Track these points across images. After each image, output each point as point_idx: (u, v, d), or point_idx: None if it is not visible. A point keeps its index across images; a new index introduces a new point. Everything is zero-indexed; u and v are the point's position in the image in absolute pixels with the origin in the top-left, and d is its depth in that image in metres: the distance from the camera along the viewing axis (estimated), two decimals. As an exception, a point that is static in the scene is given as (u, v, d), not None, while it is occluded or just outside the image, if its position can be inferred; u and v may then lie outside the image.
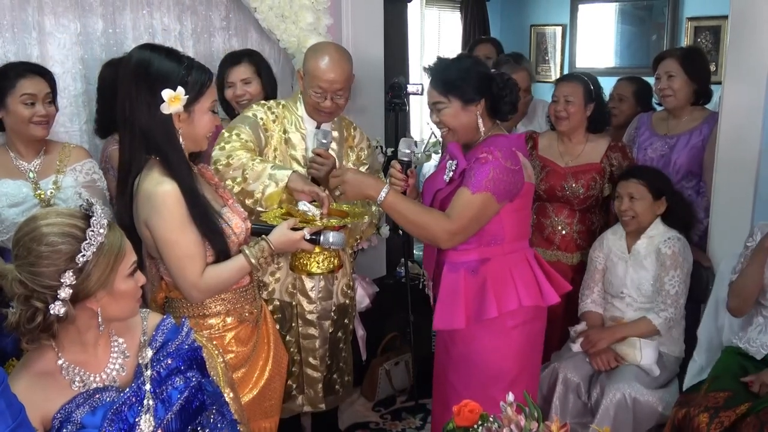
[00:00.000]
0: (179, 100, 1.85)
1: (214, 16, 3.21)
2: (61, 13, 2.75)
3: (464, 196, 2.18)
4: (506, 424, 1.46)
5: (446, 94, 2.24)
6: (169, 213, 1.87)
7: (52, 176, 2.41)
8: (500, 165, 2.16)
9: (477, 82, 2.24)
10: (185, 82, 1.87)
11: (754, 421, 2.21)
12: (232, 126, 2.50)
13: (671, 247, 2.77)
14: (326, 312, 2.71)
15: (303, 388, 2.74)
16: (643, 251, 2.82)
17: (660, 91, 3.20)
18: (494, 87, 2.25)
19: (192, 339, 1.64)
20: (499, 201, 2.19)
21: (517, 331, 2.29)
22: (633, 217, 2.81)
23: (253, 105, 2.64)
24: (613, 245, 2.91)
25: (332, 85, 2.48)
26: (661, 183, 2.86)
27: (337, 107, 2.55)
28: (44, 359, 1.47)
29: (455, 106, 2.24)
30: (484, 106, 2.26)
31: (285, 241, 2.07)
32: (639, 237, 2.85)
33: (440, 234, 2.20)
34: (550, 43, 6.69)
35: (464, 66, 2.27)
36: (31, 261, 1.37)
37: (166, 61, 1.88)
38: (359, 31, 3.44)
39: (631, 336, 2.76)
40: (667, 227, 2.83)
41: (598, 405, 2.64)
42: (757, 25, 2.73)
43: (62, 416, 1.43)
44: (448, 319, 2.27)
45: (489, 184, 2.14)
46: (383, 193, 2.22)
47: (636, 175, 2.85)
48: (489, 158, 2.17)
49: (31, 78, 2.34)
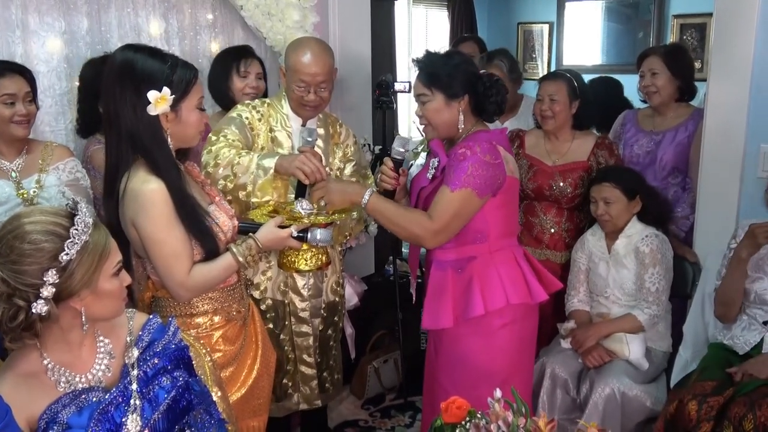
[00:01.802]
0: (165, 101, 1.84)
1: (200, 15, 3.20)
2: (46, 12, 2.73)
3: (444, 195, 2.19)
4: (494, 420, 1.46)
5: (430, 86, 2.24)
6: (156, 212, 1.86)
7: (34, 175, 2.39)
8: (479, 160, 2.16)
9: (463, 79, 2.24)
10: (170, 81, 1.86)
11: (744, 400, 2.24)
12: (218, 129, 2.51)
13: (649, 245, 2.78)
14: (316, 309, 2.71)
15: (298, 386, 2.74)
16: (623, 251, 2.84)
17: (644, 88, 3.22)
18: (480, 86, 2.26)
19: (179, 338, 1.63)
20: (481, 196, 2.18)
21: (505, 330, 2.29)
22: (609, 220, 2.82)
23: (237, 105, 2.65)
24: (594, 246, 2.92)
25: (315, 77, 2.48)
26: (633, 182, 2.86)
27: (321, 100, 2.56)
28: (29, 360, 1.46)
29: (438, 100, 2.24)
30: (467, 103, 2.26)
31: (272, 239, 2.07)
32: (617, 237, 2.85)
33: (423, 234, 2.21)
34: (537, 40, 6.71)
35: (452, 62, 2.27)
36: (14, 259, 1.36)
37: (150, 61, 1.87)
38: (346, 28, 3.43)
39: (617, 332, 2.77)
40: (644, 225, 2.83)
41: (587, 400, 2.65)
42: (742, 22, 2.75)
43: (48, 417, 1.42)
44: (436, 318, 2.27)
45: (468, 180, 2.15)
46: (366, 196, 2.24)
47: (607, 178, 2.84)
48: (467, 154, 2.17)
49: (11, 77, 2.32)
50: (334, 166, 2.69)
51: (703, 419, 2.25)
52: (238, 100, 2.90)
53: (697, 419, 2.26)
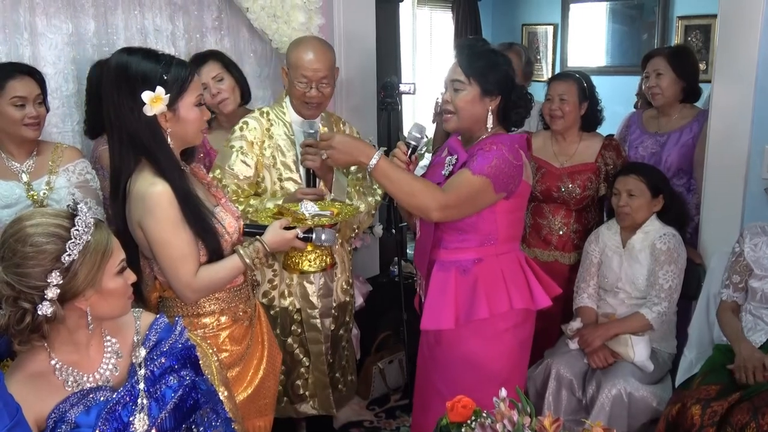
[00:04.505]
0: (161, 100, 1.85)
1: (206, 16, 3.21)
2: (53, 14, 2.74)
3: (464, 175, 2.16)
4: (499, 419, 1.47)
5: (469, 76, 2.20)
6: (162, 213, 1.87)
7: (44, 177, 2.40)
8: (504, 156, 2.15)
9: (501, 79, 2.21)
10: (164, 81, 1.86)
11: (747, 406, 2.24)
12: (216, 177, 2.50)
13: (666, 243, 2.78)
14: (327, 310, 2.71)
15: (314, 393, 2.75)
16: (638, 246, 2.84)
17: (649, 89, 3.22)
18: (514, 93, 2.24)
19: (186, 338, 1.64)
20: (497, 191, 2.17)
21: (509, 334, 2.28)
22: (629, 213, 2.82)
23: (233, 133, 2.60)
24: (608, 240, 2.92)
25: (316, 73, 2.50)
26: (659, 181, 2.87)
27: (323, 97, 2.57)
28: (37, 360, 1.47)
29: (473, 92, 2.20)
30: (497, 104, 2.24)
31: (278, 241, 2.07)
32: (634, 232, 2.86)
33: (431, 203, 2.14)
34: (541, 42, 6.71)
35: (496, 59, 2.24)
36: (17, 262, 1.37)
37: (144, 62, 1.87)
38: (351, 30, 3.44)
39: (625, 332, 2.77)
40: (663, 224, 2.84)
41: (594, 401, 2.65)
42: (746, 23, 2.75)
43: (56, 416, 1.43)
44: (437, 319, 2.26)
45: (490, 171, 2.13)
46: (375, 158, 2.15)
47: (635, 171, 2.86)
48: (494, 148, 2.16)
49: (21, 79, 2.32)
50: None
51: (707, 424, 2.25)
52: (217, 112, 2.85)
53: (700, 424, 2.26)
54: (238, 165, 2.53)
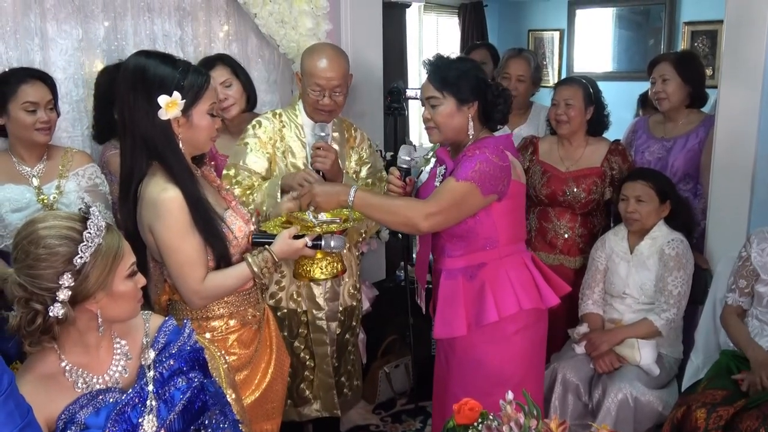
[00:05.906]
0: (176, 105, 1.86)
1: (215, 22, 3.23)
2: (63, 20, 2.77)
3: (449, 183, 2.20)
4: (506, 421, 1.47)
5: (442, 90, 2.24)
6: (172, 219, 1.88)
7: (54, 181, 2.42)
8: (487, 158, 2.17)
9: (474, 84, 2.25)
10: (181, 86, 1.87)
11: (756, 413, 2.23)
12: (230, 175, 2.54)
13: (675, 249, 2.78)
14: (333, 313, 2.72)
15: (318, 394, 2.75)
16: (647, 252, 2.84)
17: (655, 95, 3.23)
18: (489, 94, 2.27)
19: (194, 340, 1.65)
20: (485, 194, 2.18)
21: (519, 336, 2.29)
22: (638, 219, 2.82)
23: (246, 132, 2.63)
24: (616, 246, 2.92)
25: (330, 81, 2.51)
26: (666, 186, 2.88)
27: (336, 105, 2.58)
28: (47, 361, 1.48)
29: (450, 104, 2.24)
30: (476, 109, 2.27)
31: (287, 250, 2.07)
32: (642, 238, 2.86)
33: (415, 214, 2.18)
34: (548, 48, 6.72)
35: (464, 67, 2.28)
36: (30, 264, 1.39)
37: (161, 66, 1.89)
38: (358, 36, 3.46)
39: (632, 338, 2.77)
40: (671, 229, 2.84)
41: (600, 405, 2.65)
42: (753, 29, 2.76)
43: (66, 417, 1.44)
44: (449, 326, 2.27)
45: (474, 175, 2.15)
46: (351, 193, 2.21)
47: (643, 177, 2.86)
48: (476, 153, 2.19)
49: (33, 84, 2.34)
50: (350, 170, 2.72)
51: (712, 429, 2.24)
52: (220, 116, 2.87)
53: (705, 428, 2.25)
54: (252, 160, 2.56)
